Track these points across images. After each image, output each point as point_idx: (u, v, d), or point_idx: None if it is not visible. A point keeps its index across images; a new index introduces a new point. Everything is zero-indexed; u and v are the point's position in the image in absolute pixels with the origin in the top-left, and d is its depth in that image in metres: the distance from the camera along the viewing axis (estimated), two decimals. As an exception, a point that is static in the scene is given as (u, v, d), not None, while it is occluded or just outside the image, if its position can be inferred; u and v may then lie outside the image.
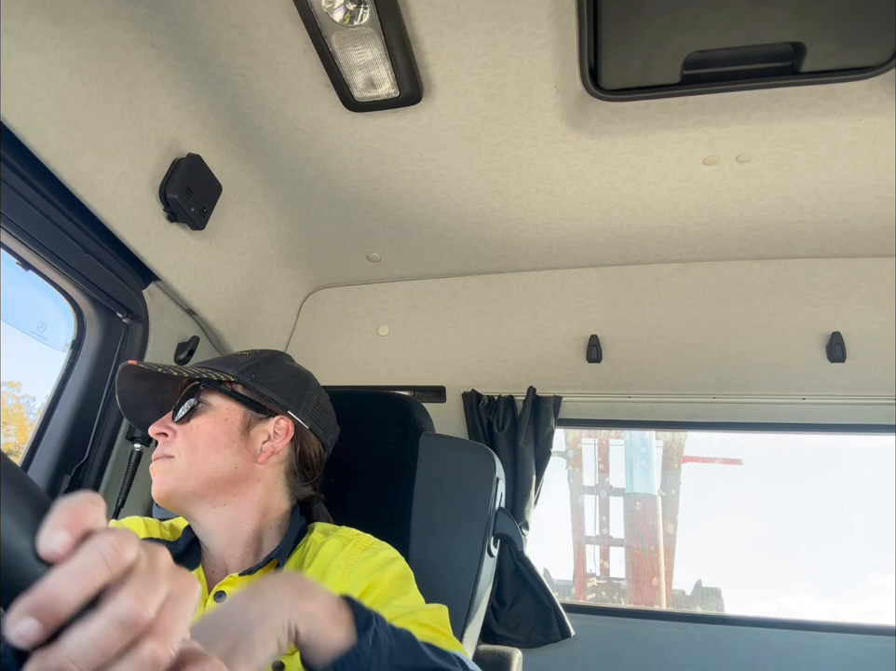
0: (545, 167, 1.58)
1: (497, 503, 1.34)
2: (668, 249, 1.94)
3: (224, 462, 0.96)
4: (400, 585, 0.91)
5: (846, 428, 2.01)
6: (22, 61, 1.04)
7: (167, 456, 0.96)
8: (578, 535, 5.12)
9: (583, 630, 2.01)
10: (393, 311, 2.21)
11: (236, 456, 0.97)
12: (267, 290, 2.00)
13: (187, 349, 1.71)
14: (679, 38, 1.22)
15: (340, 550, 0.95)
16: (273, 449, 1.00)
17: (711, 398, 2.03)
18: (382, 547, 0.98)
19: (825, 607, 4.43)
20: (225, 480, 0.96)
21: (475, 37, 1.22)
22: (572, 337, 2.08)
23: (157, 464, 0.97)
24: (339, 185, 1.70)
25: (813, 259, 1.94)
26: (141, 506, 1.66)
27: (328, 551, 0.95)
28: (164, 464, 0.96)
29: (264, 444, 1.00)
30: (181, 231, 1.52)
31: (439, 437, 1.42)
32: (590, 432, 4.81)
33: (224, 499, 0.96)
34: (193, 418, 0.98)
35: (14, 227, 1.19)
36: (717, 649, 1.94)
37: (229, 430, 0.98)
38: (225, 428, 0.98)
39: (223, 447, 0.96)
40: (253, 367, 1.04)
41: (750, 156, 1.52)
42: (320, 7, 1.13)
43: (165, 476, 0.95)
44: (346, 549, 0.95)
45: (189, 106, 1.40)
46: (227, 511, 0.97)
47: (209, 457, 0.95)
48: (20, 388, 1.82)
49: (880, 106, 1.35)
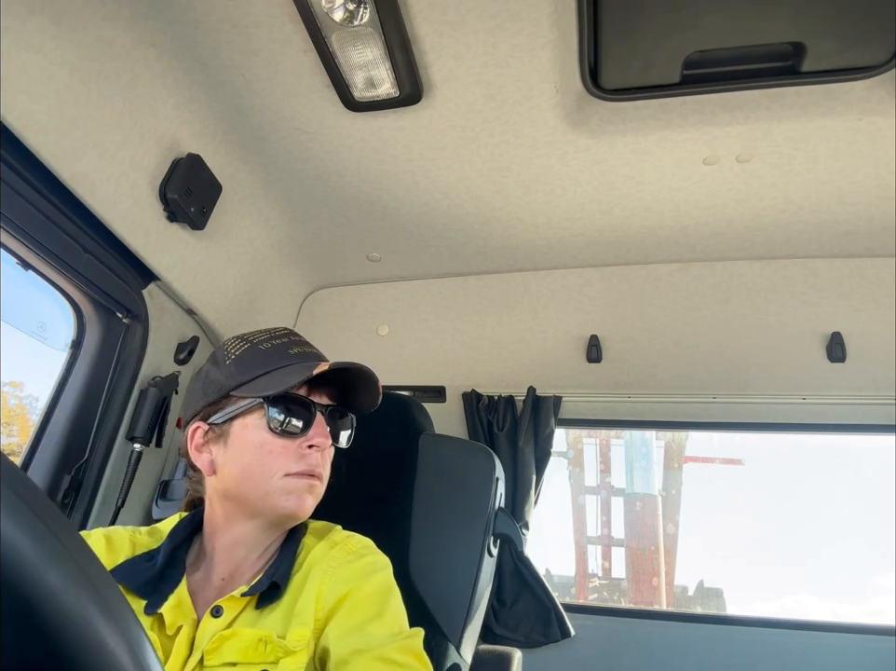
0: (545, 167, 1.58)
1: (497, 503, 1.34)
2: (668, 249, 1.94)
3: None
4: (378, 601, 0.88)
5: (846, 428, 2.01)
6: (22, 61, 1.04)
7: (319, 477, 0.94)
8: (580, 535, 5.13)
9: (583, 630, 2.01)
10: (393, 311, 2.21)
11: None
12: (267, 290, 2.00)
13: (187, 348, 1.71)
14: (679, 38, 1.22)
15: (326, 552, 0.93)
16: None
17: (711, 398, 2.03)
18: (369, 552, 0.95)
19: (827, 607, 4.43)
20: None
21: (475, 37, 1.22)
22: (572, 337, 2.08)
23: (316, 485, 0.94)
24: (339, 185, 1.70)
25: (813, 259, 1.94)
26: (141, 506, 1.66)
27: (316, 555, 0.94)
28: (319, 488, 0.95)
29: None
30: (181, 231, 1.52)
31: (439, 437, 1.42)
32: (591, 432, 4.81)
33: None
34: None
35: (14, 227, 1.19)
36: (717, 649, 1.94)
37: None
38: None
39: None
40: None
41: (750, 156, 1.52)
42: (320, 7, 1.13)
43: (314, 501, 0.94)
44: (332, 552, 0.93)
45: (189, 106, 1.40)
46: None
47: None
48: (23, 388, 1.82)
49: (880, 106, 1.35)
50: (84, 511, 1.48)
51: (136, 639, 0.38)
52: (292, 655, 0.83)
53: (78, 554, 0.39)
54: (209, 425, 0.95)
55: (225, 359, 0.97)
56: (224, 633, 0.84)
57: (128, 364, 1.54)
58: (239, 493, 0.92)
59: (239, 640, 0.84)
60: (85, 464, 1.48)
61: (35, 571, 0.36)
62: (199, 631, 0.86)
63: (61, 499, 1.43)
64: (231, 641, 0.84)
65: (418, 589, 1.24)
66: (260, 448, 0.91)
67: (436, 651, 1.19)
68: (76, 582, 0.38)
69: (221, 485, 0.95)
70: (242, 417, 0.93)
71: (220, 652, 0.83)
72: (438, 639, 1.20)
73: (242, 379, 0.93)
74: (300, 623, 0.85)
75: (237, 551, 0.95)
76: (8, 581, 0.35)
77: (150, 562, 0.93)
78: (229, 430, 0.94)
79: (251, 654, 0.82)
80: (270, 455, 0.90)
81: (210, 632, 0.85)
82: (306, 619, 0.86)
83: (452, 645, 1.22)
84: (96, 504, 1.50)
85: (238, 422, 0.93)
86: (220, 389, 0.94)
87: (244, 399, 0.93)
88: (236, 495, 0.93)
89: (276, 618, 0.87)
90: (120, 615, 0.38)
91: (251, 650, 0.83)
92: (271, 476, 0.90)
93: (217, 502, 0.96)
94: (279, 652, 0.83)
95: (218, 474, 0.95)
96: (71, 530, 0.39)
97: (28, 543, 0.37)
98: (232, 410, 0.93)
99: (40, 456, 1.43)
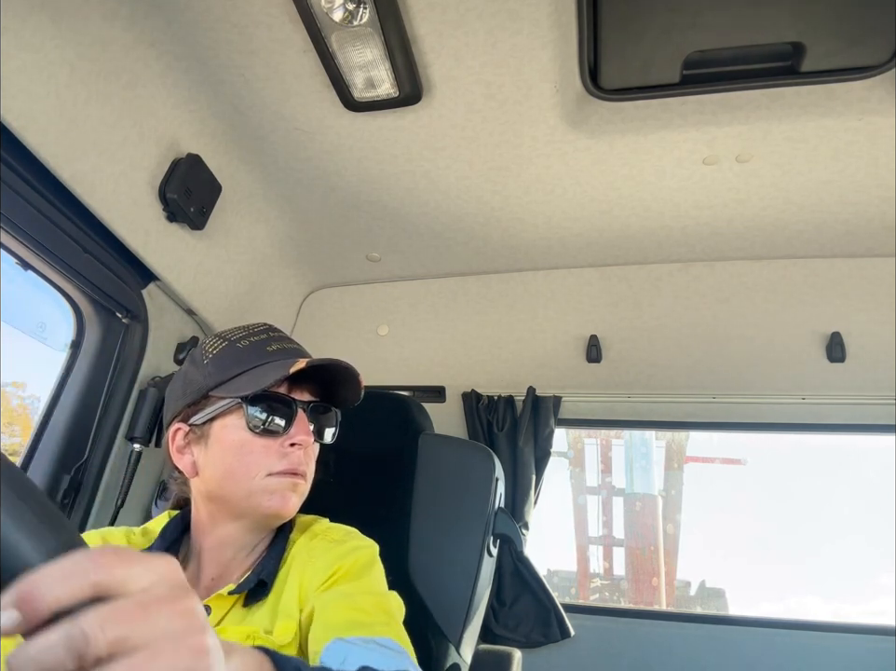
0: (545, 167, 1.58)
1: (497, 503, 1.34)
2: (668, 249, 1.94)
3: None
4: (358, 570, 0.87)
5: (846, 428, 2.01)
6: (22, 60, 1.04)
7: (303, 475, 0.93)
8: (581, 535, 5.13)
9: (583, 630, 2.01)
10: (393, 311, 2.21)
11: None
12: (267, 290, 2.00)
13: (187, 349, 1.71)
14: (679, 38, 1.22)
15: (307, 544, 0.93)
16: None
17: (711, 398, 2.03)
18: (352, 538, 0.95)
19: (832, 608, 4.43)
20: None
21: (475, 37, 1.22)
22: (572, 337, 2.08)
23: (300, 484, 0.93)
24: (339, 185, 1.70)
25: (813, 259, 1.93)
26: (140, 506, 1.66)
27: (298, 547, 0.94)
28: (303, 486, 0.94)
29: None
30: (180, 231, 1.52)
31: (438, 437, 1.42)
32: (591, 432, 4.81)
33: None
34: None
35: (14, 227, 1.19)
36: (717, 649, 1.94)
37: None
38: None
39: None
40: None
41: (750, 155, 1.52)
42: (320, 7, 1.13)
43: (299, 500, 0.93)
44: (312, 542, 0.93)
45: (189, 106, 1.40)
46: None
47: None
48: (26, 388, 1.82)
49: (880, 106, 1.35)
50: (84, 511, 1.48)
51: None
52: (280, 649, 0.83)
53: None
54: (189, 426, 0.94)
55: (203, 358, 0.95)
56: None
57: (127, 364, 1.54)
58: (222, 494, 0.92)
59: (227, 637, 0.84)
60: (84, 464, 1.48)
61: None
62: None
63: (61, 500, 1.43)
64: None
65: (418, 589, 1.24)
66: (241, 449, 0.90)
67: (436, 651, 1.19)
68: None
69: (204, 486, 0.94)
70: (222, 417, 0.92)
71: None
72: (438, 639, 1.20)
73: (220, 379, 0.92)
74: (286, 616, 0.85)
75: (225, 551, 0.94)
76: (8, 582, 0.35)
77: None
78: (209, 430, 0.93)
79: None
80: (251, 455, 0.89)
81: None
82: (291, 611, 0.86)
83: (451, 645, 1.22)
84: (96, 504, 1.50)
85: (218, 423, 0.92)
86: (198, 389, 0.93)
87: (223, 399, 0.91)
88: (219, 496, 0.92)
89: (262, 614, 0.87)
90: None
91: None
92: (253, 477, 0.89)
93: (202, 503, 0.96)
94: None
95: (201, 476, 0.94)
96: (71, 531, 0.39)
97: (28, 544, 0.37)
98: (211, 410, 0.92)
99: (40, 456, 1.43)
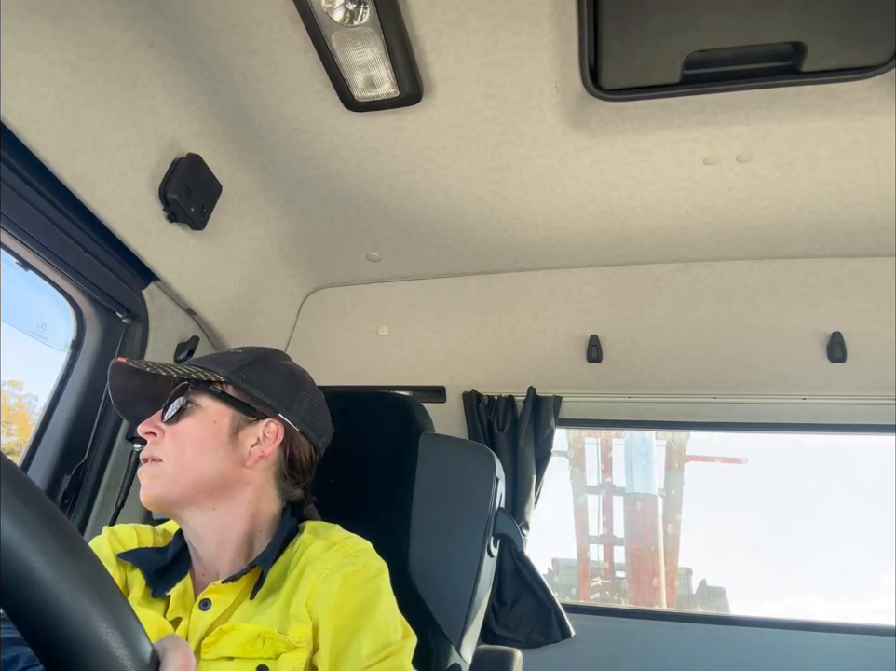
0: (545, 167, 1.58)
1: (497, 503, 1.34)
2: (668, 249, 1.94)
3: (212, 467, 0.94)
4: (366, 611, 0.88)
5: (846, 428, 2.01)
6: (22, 60, 1.04)
7: (155, 459, 0.94)
8: (581, 535, 5.13)
9: (583, 630, 2.01)
10: (393, 311, 2.21)
11: (223, 460, 0.95)
12: (267, 290, 2.00)
13: (187, 348, 1.71)
14: (679, 38, 1.22)
15: (323, 552, 0.93)
16: (261, 453, 0.98)
17: (711, 398, 2.03)
18: (366, 556, 0.95)
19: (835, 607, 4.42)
20: (213, 485, 0.94)
21: (475, 37, 1.22)
22: (572, 337, 2.08)
23: (146, 468, 0.95)
24: (339, 185, 1.70)
25: (813, 259, 1.94)
26: (141, 506, 1.65)
27: (312, 552, 0.94)
28: (152, 468, 0.94)
29: (252, 447, 0.97)
30: (180, 231, 1.52)
31: (438, 437, 1.42)
32: (592, 432, 4.81)
33: (212, 504, 0.95)
34: (181, 419, 0.96)
35: (14, 227, 1.19)
36: (717, 649, 1.94)
37: (217, 433, 0.96)
38: (213, 431, 0.96)
39: (210, 452, 0.94)
40: (246, 367, 1.01)
41: (750, 156, 1.52)
42: (320, 7, 1.13)
43: (153, 482, 0.94)
44: (328, 552, 0.93)
45: (189, 106, 1.40)
46: (216, 515, 0.95)
47: (196, 461, 0.93)
48: (23, 387, 1.82)
49: (880, 106, 1.35)
50: (84, 511, 1.48)
51: (130, 627, 0.38)
52: (294, 651, 0.84)
53: (79, 555, 0.39)
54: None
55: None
56: (224, 627, 0.86)
57: (127, 364, 1.54)
58: None
59: (238, 635, 0.85)
60: (85, 464, 1.48)
61: (36, 572, 0.36)
62: (190, 624, 0.88)
63: (61, 500, 1.43)
64: (229, 635, 0.85)
65: (418, 589, 1.24)
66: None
67: (436, 651, 1.19)
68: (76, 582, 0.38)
69: None
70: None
71: (217, 646, 0.85)
72: (438, 639, 1.20)
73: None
74: (299, 620, 0.86)
75: (204, 544, 0.97)
76: (9, 582, 0.35)
77: (161, 555, 0.98)
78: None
79: (248, 649, 0.84)
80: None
81: (201, 625, 0.87)
82: (303, 615, 0.87)
83: (452, 645, 1.22)
84: (96, 504, 1.50)
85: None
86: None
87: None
88: None
89: (274, 613, 0.88)
90: (118, 611, 0.38)
91: (249, 645, 0.84)
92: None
93: None
94: (280, 647, 0.84)
95: None
96: (71, 531, 0.39)
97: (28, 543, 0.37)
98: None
99: (40, 456, 1.43)
